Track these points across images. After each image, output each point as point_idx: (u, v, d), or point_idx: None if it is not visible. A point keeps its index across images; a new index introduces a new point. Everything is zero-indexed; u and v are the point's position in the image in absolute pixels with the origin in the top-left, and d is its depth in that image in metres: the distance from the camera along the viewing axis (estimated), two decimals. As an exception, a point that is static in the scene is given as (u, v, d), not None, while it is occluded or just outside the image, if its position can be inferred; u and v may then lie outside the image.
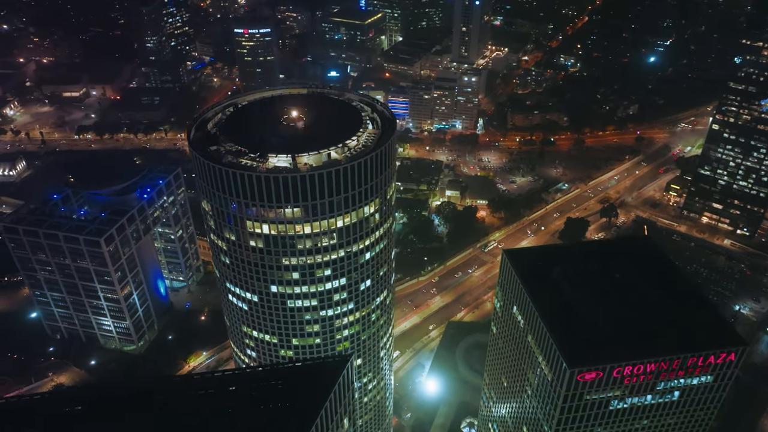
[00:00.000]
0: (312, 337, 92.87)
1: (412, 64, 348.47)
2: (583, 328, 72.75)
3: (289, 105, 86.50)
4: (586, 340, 71.47)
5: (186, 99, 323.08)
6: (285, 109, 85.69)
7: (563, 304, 75.50)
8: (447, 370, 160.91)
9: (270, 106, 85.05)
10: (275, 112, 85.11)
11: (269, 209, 77.18)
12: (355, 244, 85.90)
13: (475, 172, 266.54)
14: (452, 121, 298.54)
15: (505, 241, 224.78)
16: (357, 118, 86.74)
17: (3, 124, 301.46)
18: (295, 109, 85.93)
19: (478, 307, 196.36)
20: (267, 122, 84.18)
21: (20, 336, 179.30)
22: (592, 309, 73.90)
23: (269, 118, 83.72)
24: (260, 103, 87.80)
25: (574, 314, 74.32)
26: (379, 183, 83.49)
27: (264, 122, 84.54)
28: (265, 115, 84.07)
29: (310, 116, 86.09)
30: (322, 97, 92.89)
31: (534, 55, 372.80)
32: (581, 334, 72.16)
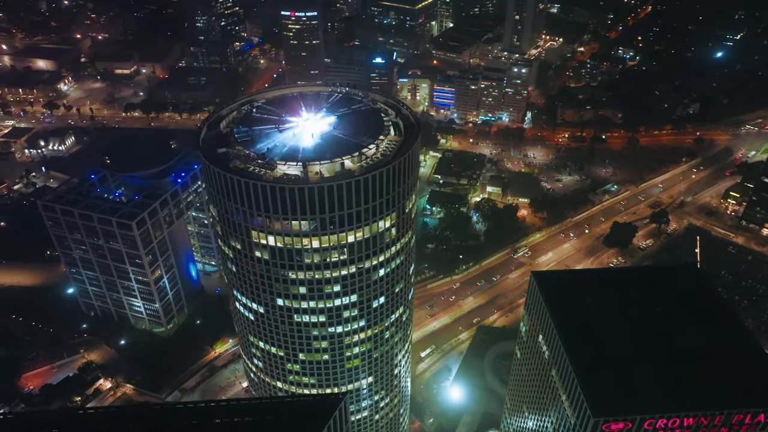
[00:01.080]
0: (320, 353, 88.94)
1: (461, 52, 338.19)
2: (614, 369, 65.64)
3: (307, 106, 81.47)
4: (616, 383, 64.34)
5: (232, 80, 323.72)
6: (302, 110, 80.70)
7: (593, 338, 68.49)
8: (474, 377, 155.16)
9: (287, 106, 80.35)
10: (292, 113, 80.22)
11: (275, 220, 73.05)
12: (368, 260, 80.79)
13: (519, 168, 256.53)
14: (499, 113, 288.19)
15: (545, 243, 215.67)
16: (378, 122, 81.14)
17: (57, 99, 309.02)
18: (313, 110, 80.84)
19: (512, 311, 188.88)
20: (282, 124, 79.34)
21: (57, 310, 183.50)
22: (626, 347, 66.73)
23: (285, 120, 78.94)
24: (277, 103, 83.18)
25: (605, 352, 67.16)
26: (397, 196, 77.85)
27: (278, 124, 79.72)
28: (280, 116, 79.34)
29: (328, 119, 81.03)
30: (344, 97, 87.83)
31: (590, 46, 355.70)
32: (611, 376, 65.11)
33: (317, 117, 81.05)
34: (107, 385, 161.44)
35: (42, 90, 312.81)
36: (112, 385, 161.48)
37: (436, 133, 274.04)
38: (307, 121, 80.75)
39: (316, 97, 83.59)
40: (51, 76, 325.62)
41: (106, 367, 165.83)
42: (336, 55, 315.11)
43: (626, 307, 70.51)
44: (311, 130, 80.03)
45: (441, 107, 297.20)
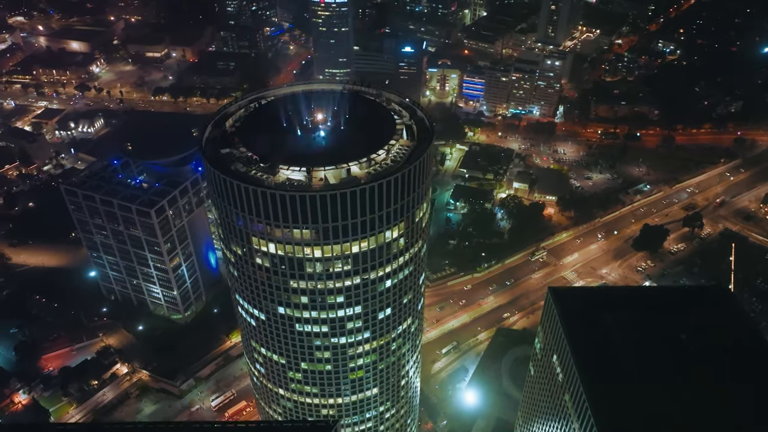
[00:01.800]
0: (322, 363, 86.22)
1: (493, 42, 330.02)
2: (631, 403, 60.89)
3: (316, 106, 78.00)
4: (633, 416, 59.85)
5: (260, 66, 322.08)
6: (310, 110, 77.21)
7: (611, 364, 63.92)
8: (490, 380, 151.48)
9: (296, 105, 76.99)
10: (300, 113, 76.77)
11: (276, 227, 70.09)
12: (373, 271, 77.21)
13: (548, 164, 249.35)
14: (529, 106, 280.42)
15: (571, 244, 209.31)
16: (390, 125, 77.18)
17: (89, 81, 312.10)
18: (321, 111, 77.47)
19: (533, 312, 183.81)
20: (288, 125, 76.02)
21: (79, 293, 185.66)
22: (645, 376, 62.19)
23: (292, 120, 75.61)
24: (287, 101, 79.79)
25: (623, 380, 62.56)
26: (406, 205, 73.94)
27: (285, 124, 76.45)
28: (288, 116, 76.02)
29: (337, 120, 77.35)
30: (357, 97, 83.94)
31: (629, 38, 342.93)
32: (628, 410, 60.38)
33: (326, 118, 77.48)
34: (124, 370, 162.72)
35: (75, 71, 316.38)
36: (128, 371, 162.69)
37: (464, 125, 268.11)
38: (315, 121, 77.15)
39: (327, 95, 79.95)
40: (84, 57, 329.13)
41: (124, 352, 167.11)
42: (365, 43, 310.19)
43: (648, 331, 65.87)
44: (318, 132, 76.59)
45: (470, 99, 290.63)
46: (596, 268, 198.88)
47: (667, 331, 66.22)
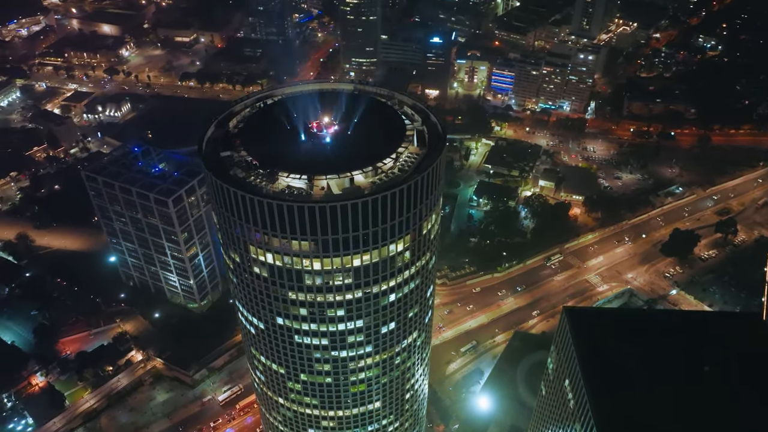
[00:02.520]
0: (322, 375, 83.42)
1: (525, 34, 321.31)
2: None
3: (324, 107, 74.47)
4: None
5: (287, 53, 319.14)
6: (317, 112, 73.73)
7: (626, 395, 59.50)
8: (505, 386, 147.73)
9: (303, 106, 73.61)
10: (306, 115, 73.37)
11: (273, 237, 67.15)
12: (376, 285, 73.65)
13: (577, 162, 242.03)
14: (560, 101, 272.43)
15: (596, 246, 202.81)
16: (401, 130, 73.23)
17: (118, 65, 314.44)
18: (329, 113, 73.97)
19: (554, 316, 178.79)
20: (292, 127, 72.67)
21: (98, 277, 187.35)
22: (663, 413, 57.65)
23: (297, 122, 72.27)
24: (294, 101, 76.30)
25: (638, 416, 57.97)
26: (413, 217, 70.06)
27: (289, 127, 73.14)
28: (293, 118, 72.74)
29: (344, 124, 73.76)
30: (367, 98, 79.95)
31: (667, 32, 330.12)
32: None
33: (332, 121, 73.99)
34: (138, 357, 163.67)
35: (105, 55, 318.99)
36: (143, 358, 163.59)
37: (491, 119, 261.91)
38: (321, 125, 73.79)
39: (337, 96, 76.36)
40: (114, 41, 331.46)
41: (140, 339, 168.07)
42: (393, 32, 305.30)
43: (669, 361, 61.34)
44: (324, 137, 73.25)
45: (499, 92, 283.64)
46: (622, 273, 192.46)
47: (690, 362, 61.57)
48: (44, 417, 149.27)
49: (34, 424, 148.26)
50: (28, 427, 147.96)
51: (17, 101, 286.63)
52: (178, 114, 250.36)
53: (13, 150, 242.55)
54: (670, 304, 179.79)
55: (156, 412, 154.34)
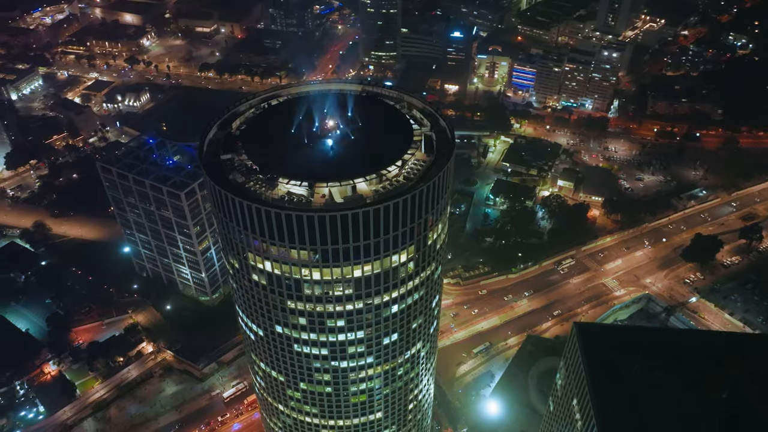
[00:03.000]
0: (322, 385, 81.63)
1: (548, 29, 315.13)
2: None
3: (329, 110, 71.69)
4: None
5: (306, 45, 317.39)
6: (322, 114, 71.21)
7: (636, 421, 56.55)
8: (515, 391, 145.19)
9: (308, 108, 71.23)
10: (311, 117, 70.95)
11: (272, 245, 65.11)
12: (378, 296, 71.30)
13: (597, 162, 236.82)
14: (582, 99, 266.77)
15: (615, 249, 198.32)
16: (408, 135, 70.58)
17: (138, 54, 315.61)
18: (334, 116, 71.24)
19: (568, 320, 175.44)
20: (296, 130, 70.32)
21: (112, 267, 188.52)
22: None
23: (300, 125, 69.99)
24: (299, 103, 73.76)
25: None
26: (418, 227, 67.43)
27: (292, 130, 70.76)
28: (297, 120, 70.50)
29: (350, 127, 71.04)
30: (375, 100, 77.23)
31: (696, 30, 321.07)
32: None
33: (336, 125, 71.61)
34: (149, 349, 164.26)
35: (126, 44, 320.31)
36: (153, 350, 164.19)
37: (511, 116, 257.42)
38: (325, 128, 71.44)
39: (344, 98, 73.96)
40: (136, 30, 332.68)
41: (151, 330, 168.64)
42: (414, 25, 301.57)
43: (684, 385, 58.23)
44: (327, 141, 70.82)
45: (519, 88, 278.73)
46: (640, 277, 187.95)
47: (708, 387, 58.33)
48: (55, 406, 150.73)
49: (45, 412, 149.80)
50: (39, 415, 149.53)
51: (39, 89, 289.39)
52: (196, 105, 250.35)
53: (33, 138, 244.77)
54: (690, 311, 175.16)
55: (165, 405, 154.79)
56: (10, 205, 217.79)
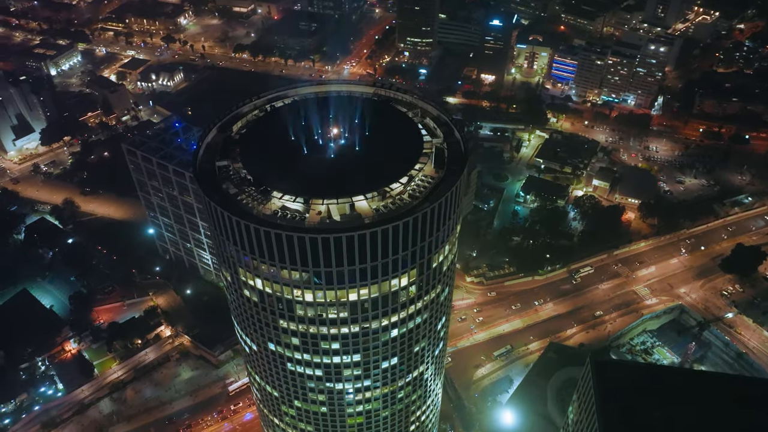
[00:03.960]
0: (317, 404, 78.15)
1: (594, 19, 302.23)
2: None
3: (335, 115, 66.86)
4: None
5: (342, 29, 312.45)
6: (327, 120, 66.49)
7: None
8: (534, 400, 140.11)
9: (313, 112, 66.61)
10: (314, 122, 66.23)
11: (262, 263, 61.22)
12: (375, 321, 66.89)
13: (636, 162, 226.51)
14: (624, 95, 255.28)
15: (649, 255, 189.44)
16: (417, 147, 65.50)
17: (175, 33, 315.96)
18: (339, 122, 66.53)
19: (594, 327, 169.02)
20: (296, 137, 65.90)
21: (137, 248, 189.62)
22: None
23: (302, 132, 65.39)
24: (305, 105, 69.27)
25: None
26: (421, 250, 62.38)
27: (293, 137, 66.35)
28: (300, 126, 65.84)
29: (355, 136, 66.20)
30: (386, 106, 71.82)
31: (753, 24, 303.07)
32: None
33: (340, 132, 66.80)
34: (167, 332, 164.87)
35: (164, 22, 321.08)
36: (171, 334, 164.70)
37: (548, 109, 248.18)
38: (328, 136, 66.80)
39: (353, 102, 68.81)
40: (174, 9, 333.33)
41: (170, 314, 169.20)
42: (452, 11, 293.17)
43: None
44: (329, 151, 66.09)
45: (559, 81, 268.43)
46: (674, 286, 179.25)
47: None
48: (73, 384, 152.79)
49: (63, 390, 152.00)
50: (57, 393, 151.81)
51: (77, 65, 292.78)
52: (227, 88, 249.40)
53: (69, 114, 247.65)
54: (725, 326, 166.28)
55: (180, 390, 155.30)
56: (42, 181, 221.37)
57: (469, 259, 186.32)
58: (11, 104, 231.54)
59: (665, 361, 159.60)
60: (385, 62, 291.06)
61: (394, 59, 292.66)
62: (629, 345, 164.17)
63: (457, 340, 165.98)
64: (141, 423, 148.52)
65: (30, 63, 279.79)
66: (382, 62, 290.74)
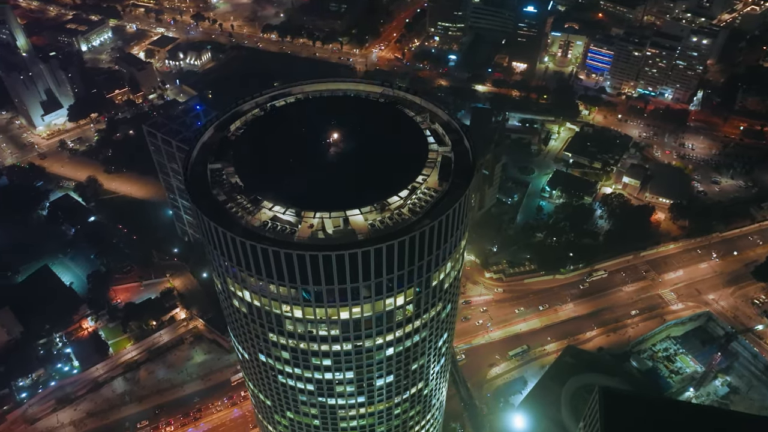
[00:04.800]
0: (309, 417, 75.47)
1: (634, 7, 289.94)
2: None
3: (338, 118, 62.72)
4: None
5: (373, 11, 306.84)
6: (328, 124, 62.27)
7: None
8: (546, 405, 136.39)
9: (314, 114, 62.65)
10: (314, 125, 62.04)
11: (249, 276, 57.94)
12: (369, 339, 63.17)
13: (670, 159, 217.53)
14: (661, 88, 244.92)
15: (677, 258, 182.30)
16: (422, 156, 61.19)
17: (205, 11, 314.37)
18: (341, 128, 62.15)
19: (615, 331, 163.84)
20: (294, 142, 62.08)
21: (157, 228, 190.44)
22: None
23: (300, 136, 61.50)
24: (306, 106, 65.33)
25: None
26: (419, 269, 58.33)
27: (290, 142, 62.53)
28: (299, 129, 62.04)
29: (357, 142, 62.08)
30: (393, 109, 67.23)
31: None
32: None
33: (342, 137, 62.54)
34: (182, 315, 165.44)
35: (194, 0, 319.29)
36: (186, 317, 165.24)
37: (580, 101, 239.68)
38: (328, 141, 62.53)
39: (358, 103, 64.65)
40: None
41: (186, 297, 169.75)
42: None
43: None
44: (326, 158, 62.13)
45: (593, 71, 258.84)
46: (702, 292, 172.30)
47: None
48: (89, 362, 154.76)
49: (79, 367, 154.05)
50: (73, 370, 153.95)
51: (108, 41, 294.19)
52: (254, 69, 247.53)
53: (97, 91, 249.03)
54: (755, 337, 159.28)
55: (191, 373, 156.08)
56: (69, 157, 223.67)
57: (488, 254, 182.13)
58: (41, 80, 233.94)
59: (688, 370, 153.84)
60: (414, 47, 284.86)
61: (423, 44, 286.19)
62: (651, 350, 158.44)
63: (472, 337, 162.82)
64: (152, 404, 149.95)
65: (62, 38, 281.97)
66: (412, 46, 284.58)
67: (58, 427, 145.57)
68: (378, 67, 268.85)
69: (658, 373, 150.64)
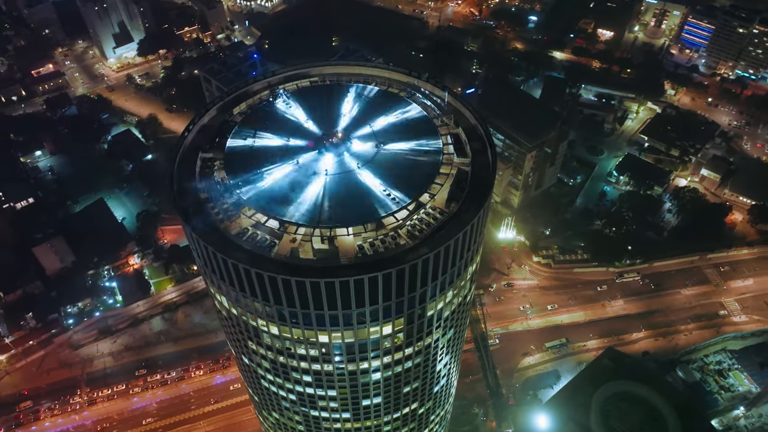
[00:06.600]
0: (293, 422, 71.64)
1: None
2: None
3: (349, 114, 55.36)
4: None
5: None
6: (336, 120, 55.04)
7: None
8: (575, 407, 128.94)
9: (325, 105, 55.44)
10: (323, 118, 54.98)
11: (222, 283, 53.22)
12: (352, 364, 57.74)
13: (761, 154, 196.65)
14: (765, 71, 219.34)
15: (750, 265, 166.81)
16: (433, 168, 53.57)
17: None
18: (349, 128, 55.33)
19: (665, 336, 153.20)
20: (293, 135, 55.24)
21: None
22: None
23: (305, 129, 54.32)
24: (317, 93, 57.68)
25: None
26: (411, 300, 51.82)
27: (289, 136, 56.00)
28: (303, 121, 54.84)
29: (360, 145, 55.10)
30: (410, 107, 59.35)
31: None
32: None
33: (343, 136, 55.67)
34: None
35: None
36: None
37: (667, 79, 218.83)
38: (331, 140, 55.73)
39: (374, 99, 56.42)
40: None
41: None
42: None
43: None
44: (325, 161, 55.37)
45: (688, 46, 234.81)
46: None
47: None
48: (131, 298, 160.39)
49: (122, 302, 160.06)
50: (116, 303, 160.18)
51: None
52: (325, 17, 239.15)
53: (167, 27, 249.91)
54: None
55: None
56: (134, 92, 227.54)
57: (540, 236, 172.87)
58: (114, 12, 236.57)
59: (741, 388, 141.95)
60: (493, 3, 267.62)
61: (504, 0, 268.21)
62: (702, 362, 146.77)
63: (510, 322, 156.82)
64: (186, 347, 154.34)
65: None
66: (490, 2, 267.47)
67: (98, 355, 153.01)
68: (451, 23, 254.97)
69: (704, 388, 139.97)
